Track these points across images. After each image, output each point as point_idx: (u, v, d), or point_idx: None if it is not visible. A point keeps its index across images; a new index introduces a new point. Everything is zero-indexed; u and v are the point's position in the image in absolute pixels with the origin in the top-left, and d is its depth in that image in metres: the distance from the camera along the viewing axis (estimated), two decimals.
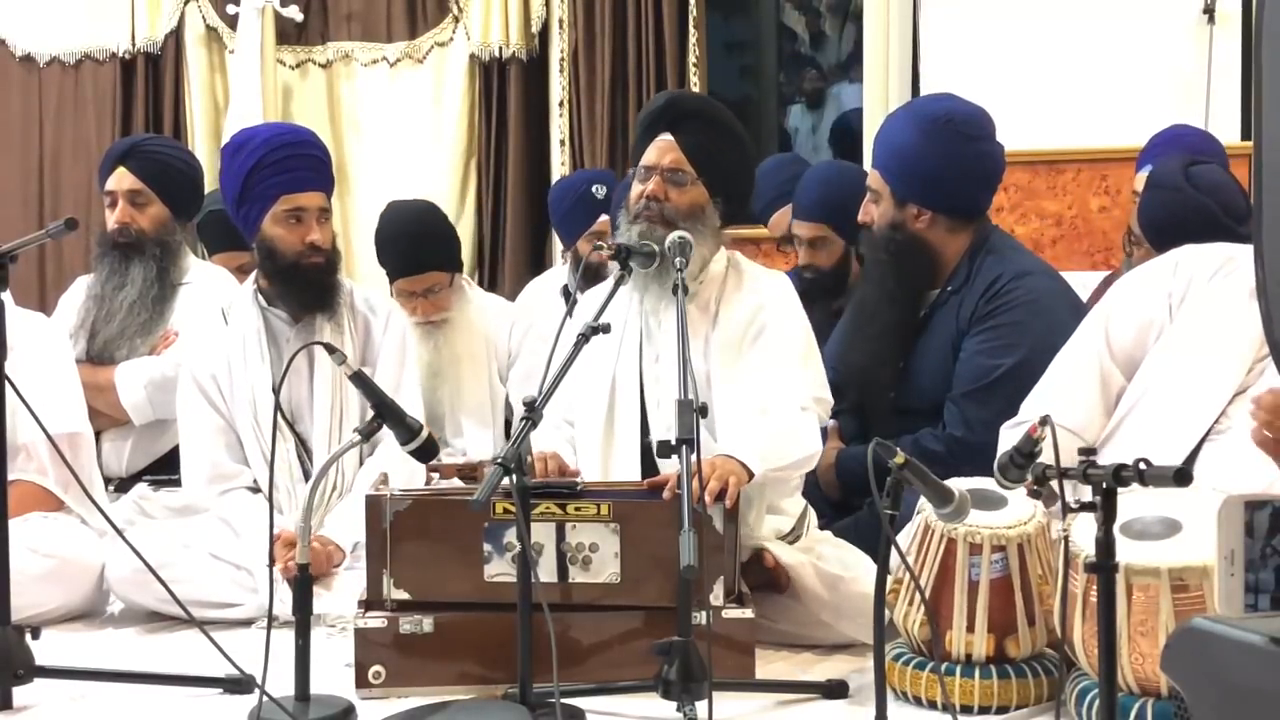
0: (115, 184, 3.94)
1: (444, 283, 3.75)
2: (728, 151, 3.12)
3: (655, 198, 3.03)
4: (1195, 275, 2.74)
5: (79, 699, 2.68)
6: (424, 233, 3.77)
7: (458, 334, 3.79)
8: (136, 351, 3.86)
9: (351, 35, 6.18)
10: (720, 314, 3.08)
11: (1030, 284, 3.30)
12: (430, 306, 3.71)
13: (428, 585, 2.71)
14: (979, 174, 3.41)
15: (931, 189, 3.36)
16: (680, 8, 5.72)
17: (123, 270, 3.90)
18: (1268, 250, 1.63)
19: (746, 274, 3.15)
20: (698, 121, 3.09)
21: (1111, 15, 5.17)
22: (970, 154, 3.37)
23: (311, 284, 3.42)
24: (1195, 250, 2.80)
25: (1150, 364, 2.73)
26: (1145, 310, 2.77)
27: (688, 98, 3.22)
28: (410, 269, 3.74)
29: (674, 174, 3.05)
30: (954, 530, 2.53)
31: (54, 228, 2.68)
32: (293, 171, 3.38)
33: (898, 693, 2.60)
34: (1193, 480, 1.83)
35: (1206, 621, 1.60)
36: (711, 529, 2.67)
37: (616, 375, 3.10)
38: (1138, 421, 2.69)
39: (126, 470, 3.89)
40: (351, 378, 2.64)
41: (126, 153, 3.97)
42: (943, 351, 3.35)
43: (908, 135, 3.39)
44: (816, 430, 3.03)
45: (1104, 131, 5.04)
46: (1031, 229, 5.10)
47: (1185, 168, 3.34)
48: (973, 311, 3.31)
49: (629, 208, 3.09)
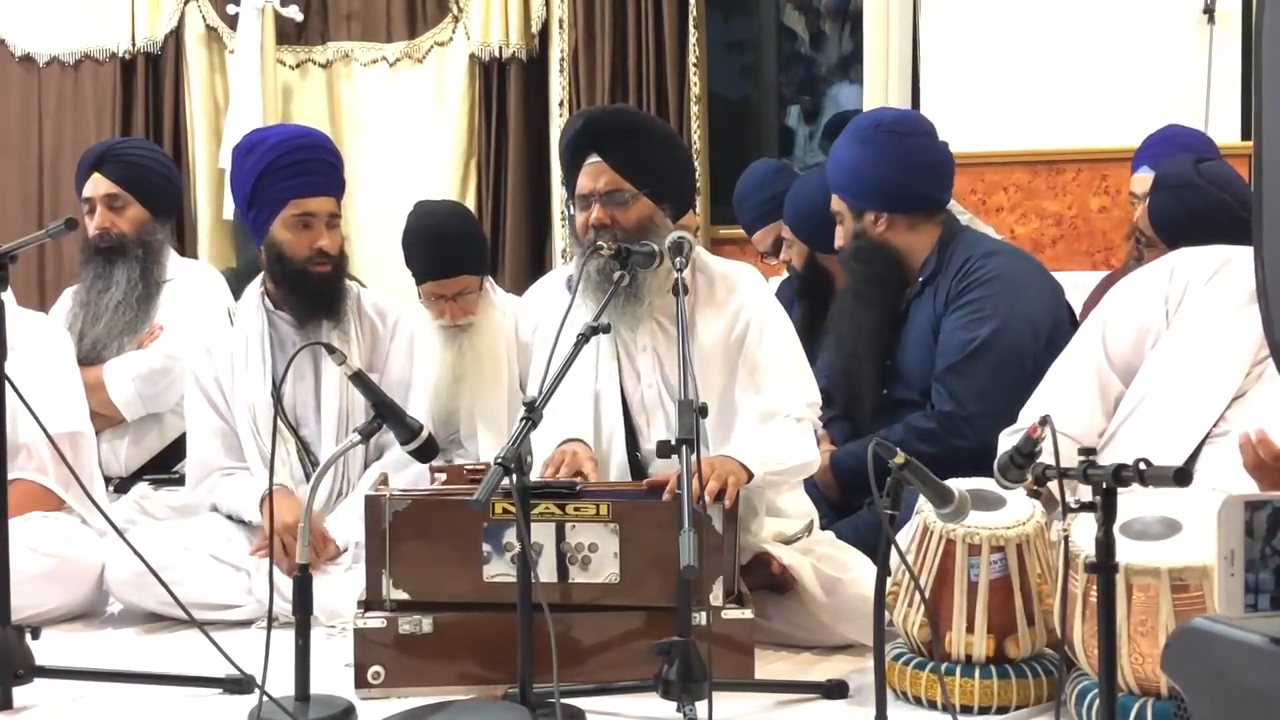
0: (92, 190, 3.94)
1: (474, 286, 3.69)
2: (657, 155, 3.07)
3: (602, 224, 2.97)
4: (1191, 280, 2.73)
5: (79, 699, 2.68)
6: (455, 235, 3.70)
7: (482, 338, 3.74)
8: (124, 350, 3.88)
9: (351, 35, 6.18)
10: (697, 322, 3.03)
11: (998, 260, 3.44)
12: (459, 310, 3.66)
13: (427, 585, 2.70)
14: (920, 167, 3.52)
15: (879, 192, 3.49)
16: (680, 8, 5.72)
17: (107, 274, 3.91)
18: (1268, 250, 1.63)
19: (716, 274, 3.11)
20: (621, 136, 3.03)
21: (1111, 15, 5.17)
22: (905, 150, 3.49)
23: (318, 291, 3.41)
24: (1191, 254, 2.80)
25: (1148, 369, 2.73)
26: (1142, 316, 2.77)
27: (603, 114, 3.14)
28: (441, 272, 3.67)
29: (612, 195, 2.99)
30: (953, 531, 2.53)
31: (54, 228, 2.69)
32: (303, 176, 3.36)
33: (898, 693, 2.60)
34: (1193, 480, 1.83)
35: (1206, 621, 1.60)
36: (711, 529, 2.67)
37: (599, 394, 3.08)
38: (1136, 426, 2.69)
39: (126, 469, 3.90)
40: (351, 378, 2.64)
41: (100, 158, 3.97)
42: (925, 340, 3.44)
43: (847, 150, 3.55)
44: (813, 439, 3.03)
45: (1104, 131, 5.04)
46: (1031, 229, 5.11)
47: (1195, 165, 3.35)
48: (948, 294, 3.42)
49: (579, 239, 3.04)
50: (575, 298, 2.77)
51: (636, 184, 3.00)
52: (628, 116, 3.19)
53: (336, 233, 3.44)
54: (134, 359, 3.86)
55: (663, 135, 3.17)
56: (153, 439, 3.91)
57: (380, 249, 3.75)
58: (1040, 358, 3.25)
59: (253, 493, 3.29)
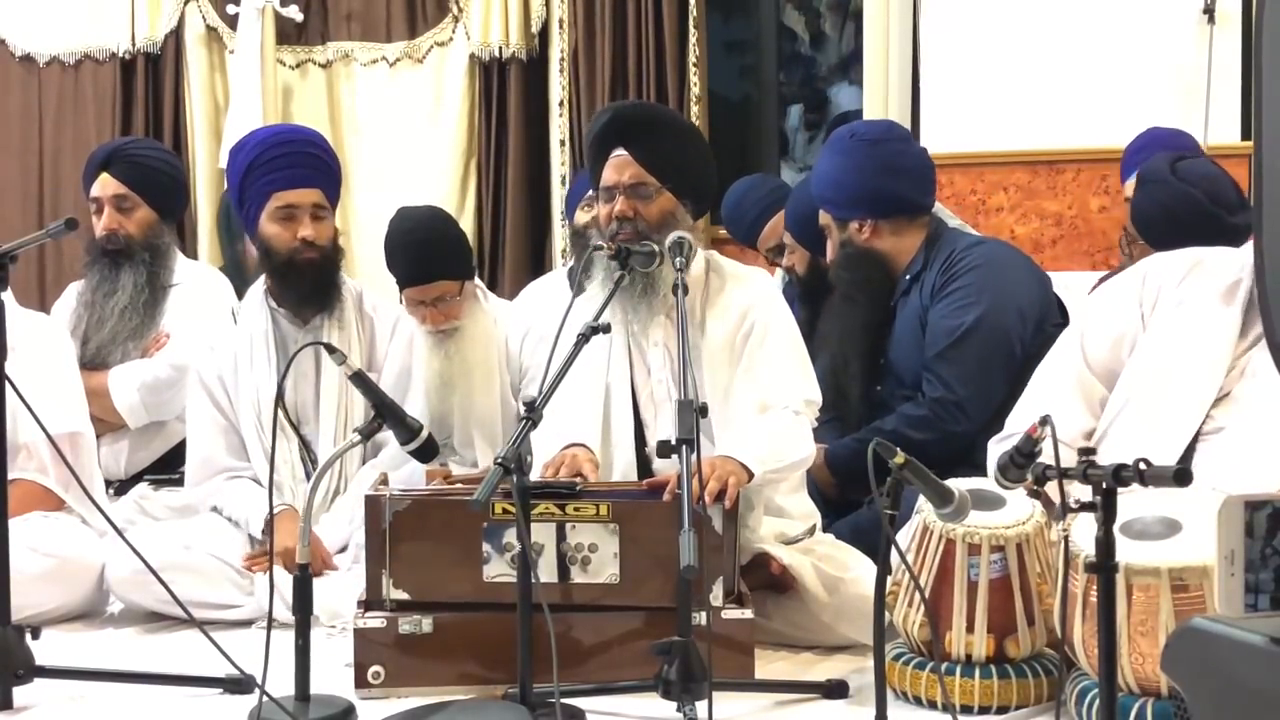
0: (100, 190, 3.92)
1: (453, 291, 3.68)
2: (684, 151, 3.12)
3: (625, 216, 3.01)
4: (1164, 283, 2.77)
5: (79, 699, 2.68)
6: (431, 240, 3.69)
7: (469, 343, 3.71)
8: (129, 355, 3.85)
9: (351, 35, 6.17)
10: (707, 319, 3.07)
11: (982, 249, 3.53)
12: (440, 316, 3.65)
13: (427, 585, 2.71)
14: (898, 171, 3.58)
15: (861, 199, 3.56)
16: (680, 8, 5.71)
17: (113, 277, 3.89)
18: (1268, 250, 1.63)
19: (728, 274, 3.15)
20: (647, 130, 3.08)
21: (1111, 15, 5.16)
22: (881, 156, 3.56)
23: (307, 279, 3.41)
24: (1162, 258, 2.85)
25: (1129, 373, 2.74)
26: (1117, 323, 2.80)
27: (631, 109, 3.18)
28: (418, 278, 3.66)
29: (637, 188, 3.03)
30: (952, 531, 2.53)
31: (54, 228, 2.69)
32: (285, 170, 3.39)
33: (898, 693, 2.60)
34: (1193, 480, 1.83)
35: (1206, 621, 1.60)
36: (711, 529, 2.67)
37: (609, 387, 3.10)
38: (1123, 428, 2.69)
39: (126, 472, 3.90)
40: (351, 377, 2.64)
41: (109, 158, 3.95)
42: (914, 334, 3.50)
43: (828, 162, 3.64)
44: (810, 433, 3.04)
45: (1104, 131, 5.03)
46: (1031, 229, 5.11)
47: (1172, 163, 3.46)
48: (933, 286, 3.48)
49: (600, 230, 3.08)
50: (575, 297, 2.78)
51: (660, 178, 3.04)
52: (655, 111, 3.25)
53: (324, 224, 3.45)
54: (139, 368, 3.84)
55: (689, 132, 3.22)
56: (155, 443, 3.91)
57: (380, 249, 3.73)
58: (1027, 341, 3.38)
59: (258, 508, 3.26)
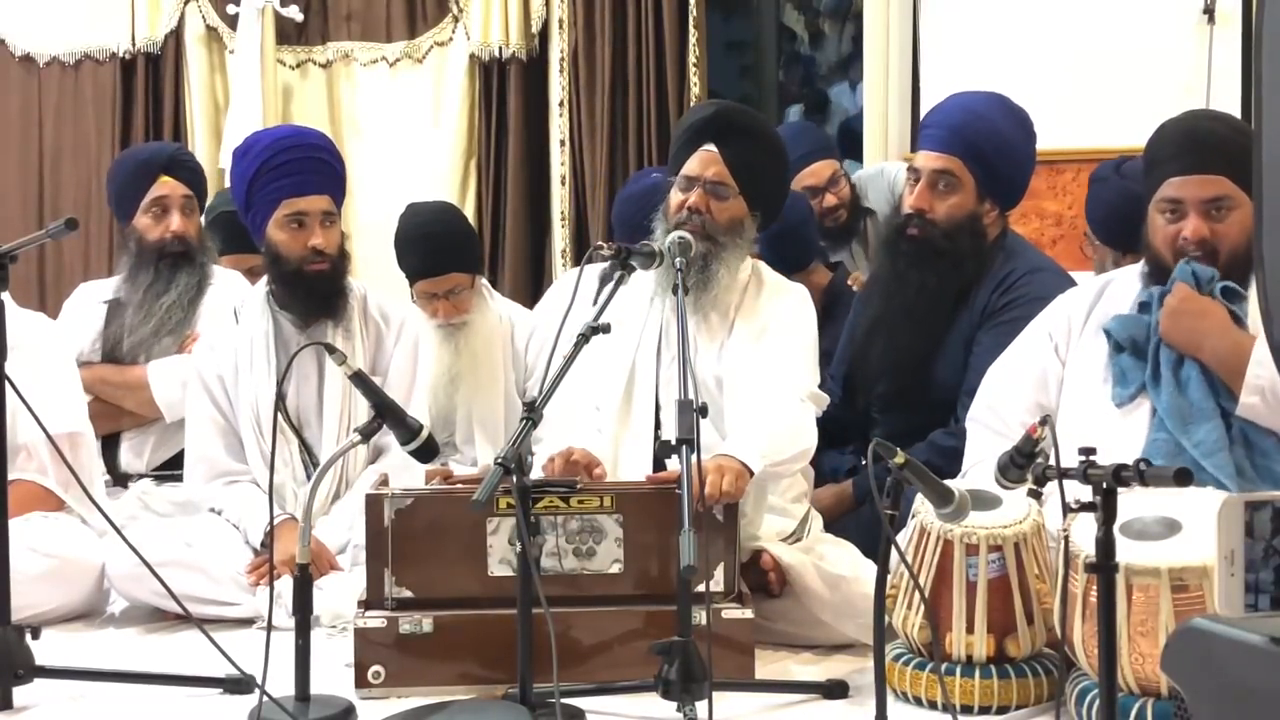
0: (169, 191, 3.90)
1: (465, 284, 3.72)
2: (770, 167, 3.16)
3: (697, 210, 3.05)
4: (1073, 312, 2.87)
5: (79, 699, 2.68)
6: (445, 233, 3.75)
7: (477, 338, 3.75)
8: (166, 351, 3.84)
9: (351, 35, 6.17)
10: (736, 321, 3.11)
11: (1041, 280, 3.28)
12: (451, 308, 3.67)
13: (431, 583, 2.71)
14: (1031, 173, 3.43)
15: (1014, 187, 3.37)
16: (680, 8, 5.71)
17: (169, 277, 3.87)
18: (1268, 250, 1.63)
19: (767, 284, 3.19)
20: (743, 136, 3.11)
21: (1111, 15, 5.16)
22: (1033, 151, 3.41)
23: (315, 290, 3.40)
24: (1070, 292, 2.98)
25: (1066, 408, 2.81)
26: (1037, 362, 2.89)
27: (735, 111, 3.18)
28: (431, 270, 3.71)
29: (717, 187, 3.07)
30: (950, 531, 2.53)
31: (54, 228, 2.68)
32: (295, 175, 3.36)
33: (898, 693, 2.60)
34: (1193, 480, 1.83)
35: (1206, 621, 1.60)
36: (711, 518, 2.68)
37: (634, 373, 3.12)
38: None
39: (148, 467, 3.89)
40: (351, 377, 2.64)
41: (171, 162, 3.96)
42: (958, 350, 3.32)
43: (1005, 127, 3.32)
44: (814, 423, 3.05)
45: (1104, 131, 5.03)
46: (1031, 229, 5.10)
47: (1118, 164, 3.63)
48: (985, 304, 3.31)
49: (668, 215, 3.10)
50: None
51: (741, 184, 3.08)
52: (755, 120, 3.23)
53: (333, 231, 3.42)
54: (179, 362, 3.80)
55: (779, 151, 3.22)
56: (176, 439, 3.90)
57: (380, 249, 3.75)
58: None
59: (259, 518, 3.23)
